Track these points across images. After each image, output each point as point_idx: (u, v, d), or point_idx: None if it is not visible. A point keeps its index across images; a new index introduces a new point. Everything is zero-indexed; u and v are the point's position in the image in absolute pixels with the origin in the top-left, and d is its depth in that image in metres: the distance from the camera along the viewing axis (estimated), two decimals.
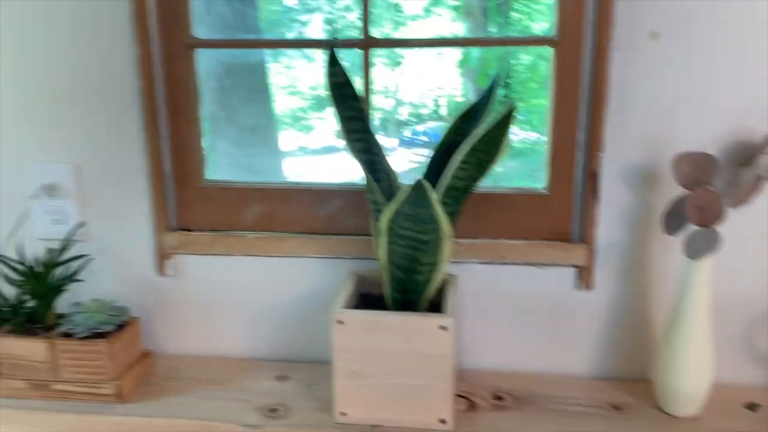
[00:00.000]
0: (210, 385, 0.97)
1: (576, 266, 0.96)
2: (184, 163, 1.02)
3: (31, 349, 0.92)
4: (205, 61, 1.02)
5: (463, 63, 2.39)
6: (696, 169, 0.83)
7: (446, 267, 0.84)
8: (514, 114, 0.78)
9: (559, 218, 0.96)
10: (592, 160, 0.91)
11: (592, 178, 0.92)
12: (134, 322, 0.99)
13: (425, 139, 2.63)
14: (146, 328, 1.05)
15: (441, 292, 0.89)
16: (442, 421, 0.84)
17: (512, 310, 0.99)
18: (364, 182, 0.97)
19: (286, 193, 1.01)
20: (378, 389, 0.84)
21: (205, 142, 1.03)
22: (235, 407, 0.91)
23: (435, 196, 0.77)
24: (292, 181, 1.01)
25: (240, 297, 1.04)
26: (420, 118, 2.70)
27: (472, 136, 0.80)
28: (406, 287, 0.86)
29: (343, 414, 0.86)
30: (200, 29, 0.99)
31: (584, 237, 0.94)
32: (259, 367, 1.03)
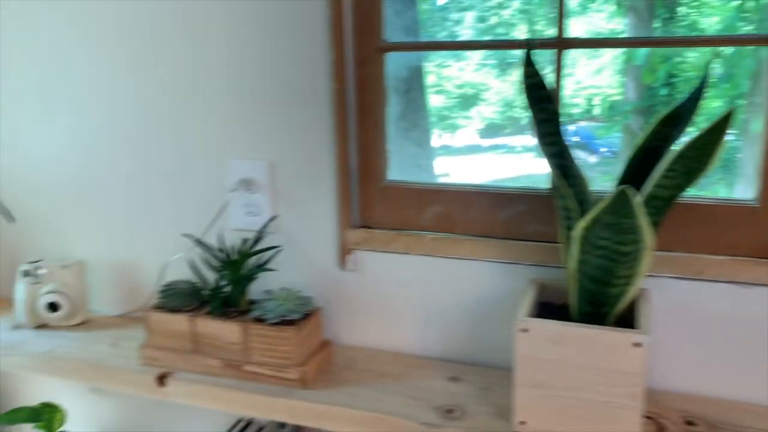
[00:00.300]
0: (385, 379, 1.00)
1: None
2: (368, 163, 1.05)
3: (226, 330, 1.00)
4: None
5: (628, 60, 2.27)
6: None
7: (642, 281, 0.80)
8: (732, 118, 0.72)
9: None
10: None
11: None
12: (318, 311, 1.04)
13: (576, 139, 2.53)
14: (326, 318, 1.11)
15: (631, 306, 0.85)
16: None
17: (709, 331, 0.92)
18: (548, 187, 0.95)
19: (466, 195, 1.01)
20: (561, 402, 0.81)
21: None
22: (410, 404, 0.92)
23: (640, 205, 0.73)
24: (472, 183, 1.01)
25: (415, 295, 1.06)
26: (571, 118, 2.59)
27: (682, 143, 0.75)
28: (596, 299, 0.83)
29: (523, 423, 0.84)
30: None
31: None
32: (431, 366, 1.04)
